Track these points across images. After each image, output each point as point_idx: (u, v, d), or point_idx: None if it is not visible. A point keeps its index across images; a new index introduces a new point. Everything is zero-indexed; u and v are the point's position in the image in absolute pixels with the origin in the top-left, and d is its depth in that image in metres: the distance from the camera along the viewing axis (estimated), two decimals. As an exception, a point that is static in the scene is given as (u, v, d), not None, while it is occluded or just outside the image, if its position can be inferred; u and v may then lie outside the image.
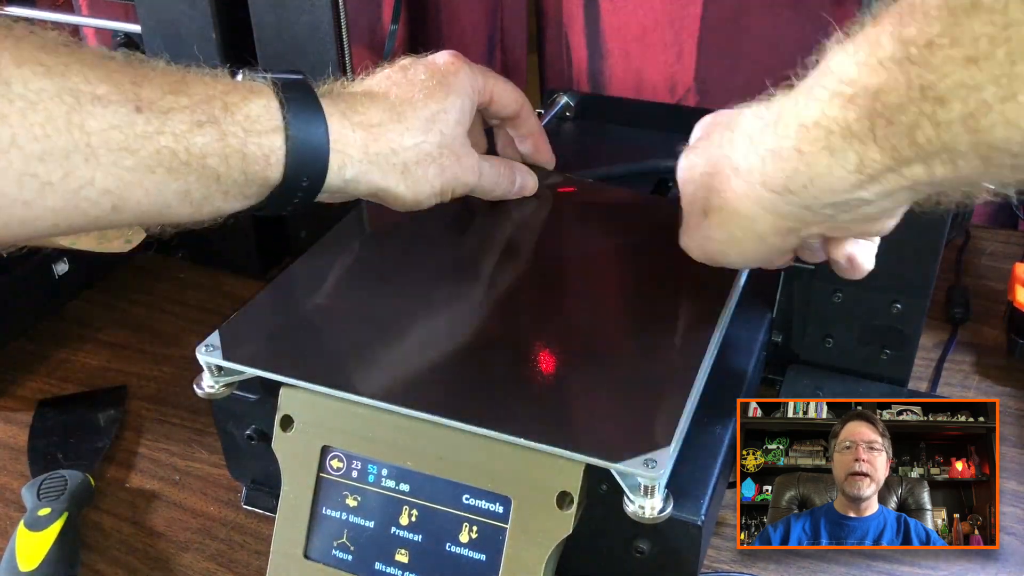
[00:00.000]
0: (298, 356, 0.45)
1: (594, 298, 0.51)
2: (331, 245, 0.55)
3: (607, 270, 0.53)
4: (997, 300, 0.70)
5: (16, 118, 0.34)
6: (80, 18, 1.03)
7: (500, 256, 0.54)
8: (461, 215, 0.56)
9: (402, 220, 0.52)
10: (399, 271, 0.52)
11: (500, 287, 0.51)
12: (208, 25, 0.65)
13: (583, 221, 0.58)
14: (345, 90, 0.48)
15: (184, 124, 0.38)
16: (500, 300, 0.50)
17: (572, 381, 0.44)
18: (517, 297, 0.50)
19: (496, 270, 0.53)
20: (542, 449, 0.39)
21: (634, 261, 0.53)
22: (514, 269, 0.53)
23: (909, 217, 0.54)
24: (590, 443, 0.39)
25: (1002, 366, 0.64)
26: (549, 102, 0.83)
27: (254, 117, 0.41)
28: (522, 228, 0.56)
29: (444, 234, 0.55)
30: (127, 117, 0.37)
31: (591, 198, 0.60)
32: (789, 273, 0.57)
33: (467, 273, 0.52)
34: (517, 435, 0.39)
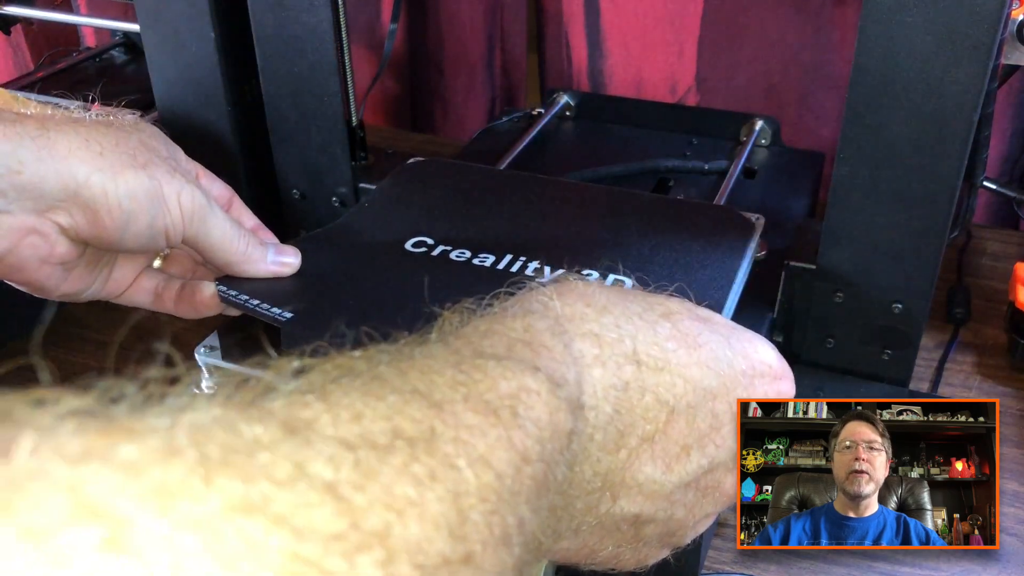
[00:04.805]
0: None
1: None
2: (328, 241, 0.55)
3: (607, 270, 0.53)
4: (998, 300, 0.70)
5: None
6: (79, 18, 1.03)
7: (494, 251, 0.54)
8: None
9: (401, 223, 0.52)
10: (399, 271, 0.52)
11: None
12: (207, 25, 0.65)
13: (584, 219, 0.58)
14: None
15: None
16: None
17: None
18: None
19: (483, 270, 0.53)
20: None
21: (634, 261, 0.53)
22: (512, 266, 0.53)
23: (910, 217, 0.54)
24: None
25: (1003, 366, 0.64)
26: (549, 102, 0.83)
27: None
28: (522, 225, 0.56)
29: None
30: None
31: (591, 197, 0.60)
32: (790, 273, 0.57)
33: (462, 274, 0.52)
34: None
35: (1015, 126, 0.83)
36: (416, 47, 1.04)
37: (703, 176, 0.73)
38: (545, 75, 1.01)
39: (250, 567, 0.17)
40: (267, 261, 0.47)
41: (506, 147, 0.75)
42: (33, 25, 1.04)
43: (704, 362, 0.34)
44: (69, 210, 0.41)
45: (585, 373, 0.31)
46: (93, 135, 0.41)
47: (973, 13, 0.45)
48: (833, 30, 0.83)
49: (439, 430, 0.24)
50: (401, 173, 0.59)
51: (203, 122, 0.69)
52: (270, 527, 0.18)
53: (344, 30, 0.63)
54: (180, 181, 0.43)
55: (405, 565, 0.20)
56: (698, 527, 0.38)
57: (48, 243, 0.42)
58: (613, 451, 0.32)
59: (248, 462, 0.19)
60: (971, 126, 0.49)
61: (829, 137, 0.88)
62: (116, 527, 0.17)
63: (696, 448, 0.34)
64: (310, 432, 0.21)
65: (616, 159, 0.73)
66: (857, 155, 0.52)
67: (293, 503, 0.19)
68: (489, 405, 0.26)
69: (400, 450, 0.22)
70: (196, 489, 0.18)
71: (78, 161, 0.40)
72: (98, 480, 0.17)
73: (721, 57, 0.89)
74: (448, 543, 0.22)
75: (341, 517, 0.20)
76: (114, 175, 0.41)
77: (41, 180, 0.39)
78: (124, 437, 0.18)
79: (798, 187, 0.72)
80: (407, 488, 0.21)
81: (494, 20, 1.00)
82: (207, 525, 0.18)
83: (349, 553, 0.19)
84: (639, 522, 0.34)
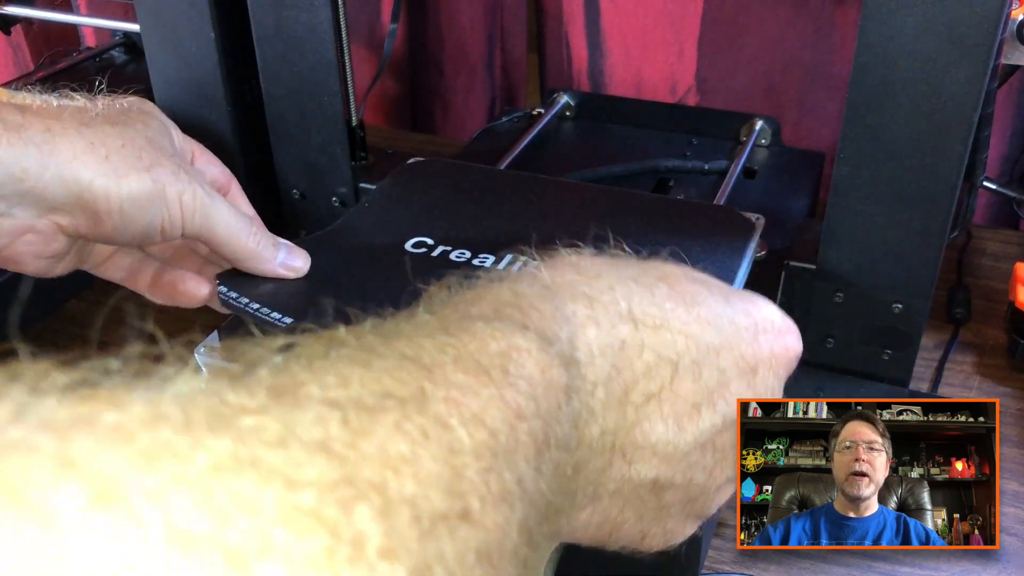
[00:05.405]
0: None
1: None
2: (328, 242, 0.55)
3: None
4: (998, 300, 0.70)
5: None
6: (79, 18, 1.03)
7: (489, 248, 0.54)
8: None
9: (401, 223, 0.52)
10: (399, 272, 0.52)
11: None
12: (207, 24, 0.65)
13: (584, 219, 0.58)
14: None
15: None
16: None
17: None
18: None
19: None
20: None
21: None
22: (513, 266, 0.53)
23: (910, 217, 0.54)
24: None
25: (1003, 366, 0.64)
26: (549, 102, 0.83)
27: None
28: (522, 225, 0.56)
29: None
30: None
31: (591, 197, 0.60)
32: (790, 273, 0.57)
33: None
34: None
35: (1015, 126, 0.83)
36: (416, 47, 1.04)
37: (703, 176, 0.73)
38: (545, 75, 1.01)
39: (245, 519, 0.17)
40: (276, 262, 0.47)
41: (506, 147, 0.75)
42: (33, 25, 1.04)
43: (704, 319, 0.34)
44: (71, 212, 0.41)
45: (579, 332, 0.30)
46: (99, 137, 0.41)
47: (973, 13, 0.45)
48: (833, 30, 0.83)
49: (429, 390, 0.24)
50: (401, 173, 0.59)
51: (203, 122, 0.69)
52: (262, 481, 0.18)
53: (344, 30, 0.63)
54: (185, 181, 0.43)
55: (403, 517, 0.20)
56: (720, 494, 0.38)
57: (45, 240, 0.42)
58: (618, 409, 0.31)
59: (235, 425, 0.19)
60: (971, 126, 0.49)
61: (829, 137, 0.88)
62: (103, 485, 0.16)
63: (707, 405, 0.34)
64: (297, 396, 0.21)
65: (616, 159, 0.73)
66: (857, 155, 0.52)
67: (284, 460, 0.19)
68: (479, 365, 0.26)
69: (391, 410, 0.22)
70: (183, 450, 0.18)
71: (82, 165, 0.40)
72: (84, 444, 0.17)
73: (721, 57, 0.89)
74: (444, 499, 0.21)
75: (334, 470, 0.19)
76: (118, 179, 0.40)
77: (44, 187, 0.39)
78: (109, 405, 0.18)
79: (798, 187, 0.72)
80: (400, 446, 0.21)
81: (494, 20, 1.00)
82: (197, 482, 0.17)
83: (346, 502, 0.19)
84: (658, 487, 0.33)
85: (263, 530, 0.17)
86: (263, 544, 0.17)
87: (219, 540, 0.17)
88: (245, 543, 0.17)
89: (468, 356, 0.26)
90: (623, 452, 0.32)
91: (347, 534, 0.18)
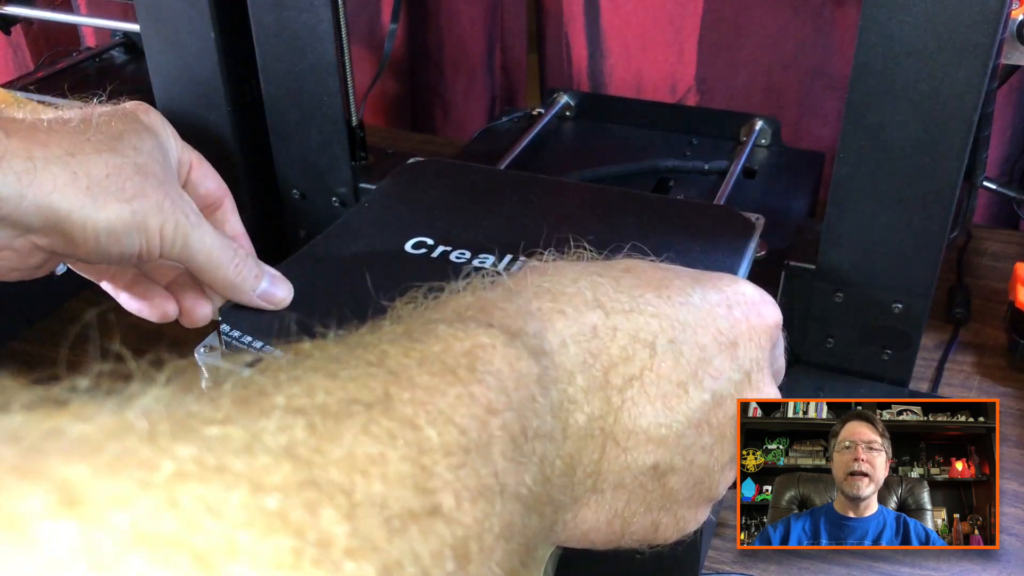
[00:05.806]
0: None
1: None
2: (326, 244, 0.55)
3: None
4: (998, 300, 0.70)
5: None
6: (79, 18, 1.03)
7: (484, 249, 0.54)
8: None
9: (401, 224, 0.51)
10: (399, 273, 0.52)
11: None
12: (207, 25, 0.65)
13: (584, 219, 0.58)
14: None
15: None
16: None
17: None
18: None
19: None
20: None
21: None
22: (512, 266, 0.53)
23: (910, 217, 0.54)
24: None
25: (1003, 366, 0.64)
26: (549, 102, 0.83)
27: None
28: (522, 225, 0.56)
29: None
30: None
31: (591, 197, 0.60)
32: (790, 273, 0.57)
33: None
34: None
35: (1015, 126, 0.83)
36: (416, 47, 1.04)
37: (703, 176, 0.73)
38: (545, 75, 1.01)
39: (211, 522, 0.17)
40: (255, 292, 0.46)
41: (506, 147, 0.75)
42: (33, 25, 1.04)
43: (675, 300, 0.34)
44: (48, 234, 0.41)
45: (546, 324, 0.30)
46: (83, 167, 0.40)
47: (973, 13, 0.45)
48: (833, 30, 0.83)
49: (395, 394, 0.24)
50: (401, 173, 0.59)
51: (203, 122, 0.69)
52: (227, 486, 0.18)
53: (344, 30, 0.63)
54: (168, 211, 0.42)
55: (371, 517, 0.20)
56: (726, 475, 0.37)
57: (21, 257, 0.42)
58: (600, 394, 0.31)
59: (201, 434, 0.19)
60: (971, 126, 0.49)
61: (829, 137, 0.88)
62: (69, 490, 0.17)
63: (692, 383, 0.33)
64: (263, 406, 0.21)
65: (616, 159, 0.73)
66: (857, 155, 0.52)
67: (250, 465, 0.19)
68: (445, 365, 0.26)
69: (357, 415, 0.22)
70: (149, 458, 0.18)
71: (61, 197, 0.40)
72: (48, 454, 0.17)
73: (721, 57, 0.89)
74: (415, 497, 0.21)
75: (300, 474, 0.20)
76: (96, 209, 0.40)
77: (22, 214, 0.39)
78: (75, 418, 0.18)
79: (798, 187, 0.72)
80: (367, 448, 0.21)
81: (494, 20, 1.00)
82: (163, 487, 0.17)
83: (312, 504, 0.19)
84: (660, 473, 0.33)
85: (229, 532, 0.17)
86: (230, 546, 0.17)
87: (186, 542, 0.17)
88: (212, 545, 0.17)
89: (433, 358, 0.26)
90: (615, 439, 0.32)
91: (313, 535, 0.19)
